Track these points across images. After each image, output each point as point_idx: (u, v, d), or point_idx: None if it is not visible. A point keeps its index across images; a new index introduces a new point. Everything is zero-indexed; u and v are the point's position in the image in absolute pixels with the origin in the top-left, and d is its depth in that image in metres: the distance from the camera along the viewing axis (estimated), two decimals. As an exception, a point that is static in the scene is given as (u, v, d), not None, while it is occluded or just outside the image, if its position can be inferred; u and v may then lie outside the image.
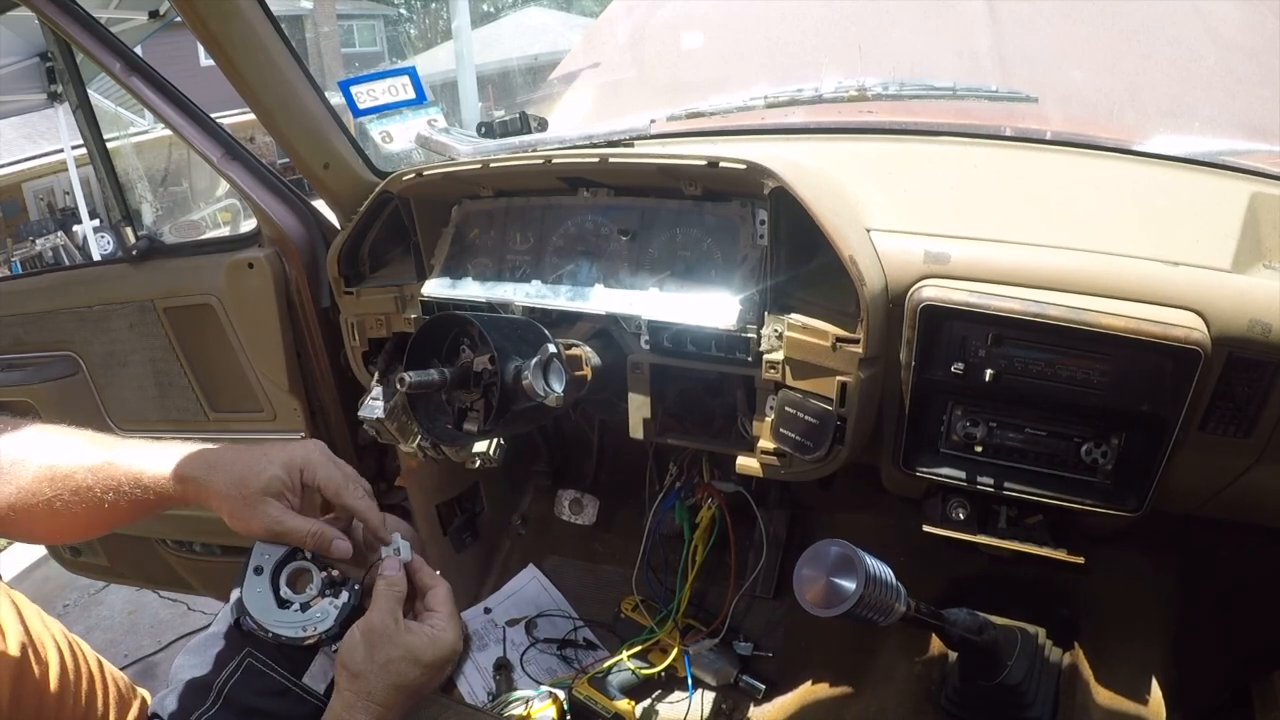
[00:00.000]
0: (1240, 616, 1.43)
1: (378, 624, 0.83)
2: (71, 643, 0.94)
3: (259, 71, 1.32)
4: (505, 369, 1.14)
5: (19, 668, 0.84)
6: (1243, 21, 1.75)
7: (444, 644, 0.85)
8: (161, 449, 0.92)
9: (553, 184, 1.36)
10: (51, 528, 0.95)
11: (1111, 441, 1.09)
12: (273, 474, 0.88)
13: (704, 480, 1.63)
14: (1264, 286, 1.00)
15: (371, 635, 0.83)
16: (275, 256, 1.63)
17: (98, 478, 0.90)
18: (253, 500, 0.87)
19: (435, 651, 0.83)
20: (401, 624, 0.84)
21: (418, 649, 0.83)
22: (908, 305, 1.09)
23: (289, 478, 0.89)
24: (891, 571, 1.01)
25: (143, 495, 0.90)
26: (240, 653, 1.00)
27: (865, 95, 1.31)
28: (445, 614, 0.87)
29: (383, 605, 0.85)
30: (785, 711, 1.54)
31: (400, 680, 0.82)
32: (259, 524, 0.88)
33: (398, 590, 0.86)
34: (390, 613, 0.84)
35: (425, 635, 0.84)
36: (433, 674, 0.84)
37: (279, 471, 0.89)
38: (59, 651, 0.90)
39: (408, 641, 0.83)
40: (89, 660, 0.96)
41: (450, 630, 0.86)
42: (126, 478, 0.90)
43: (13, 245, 9.59)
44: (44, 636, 0.89)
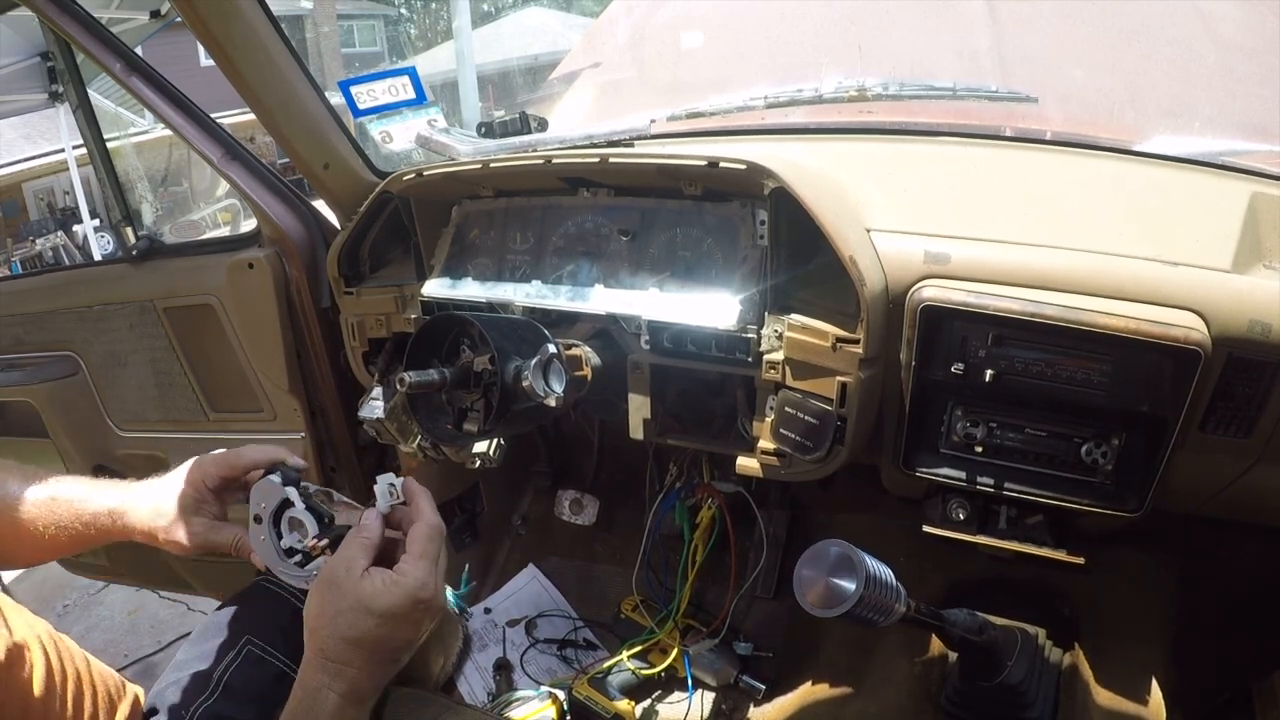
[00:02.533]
0: (1240, 616, 1.43)
1: (329, 574, 0.78)
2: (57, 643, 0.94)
3: (259, 71, 1.32)
4: (505, 369, 1.14)
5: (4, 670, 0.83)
6: (1243, 21, 1.75)
7: (400, 590, 0.75)
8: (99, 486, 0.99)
9: (553, 184, 1.36)
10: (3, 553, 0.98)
11: (1111, 442, 1.09)
12: (183, 492, 0.94)
13: (704, 480, 1.63)
14: (1264, 287, 1.00)
15: (324, 586, 0.78)
16: (275, 256, 1.63)
17: (39, 511, 0.96)
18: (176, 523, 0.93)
19: (388, 599, 0.75)
20: (356, 572, 0.77)
21: (368, 597, 0.75)
22: (908, 305, 1.09)
23: (196, 491, 0.94)
24: (891, 572, 1.01)
25: (83, 530, 0.96)
26: (240, 641, 1.01)
27: (865, 95, 1.31)
28: (414, 554, 0.78)
29: (341, 554, 0.79)
30: (785, 711, 1.54)
31: (352, 633, 0.75)
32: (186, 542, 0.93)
33: (364, 538, 0.80)
34: (346, 561, 0.78)
35: (378, 582, 0.76)
36: (394, 625, 0.76)
37: (187, 489, 0.94)
38: (44, 653, 0.90)
39: (359, 589, 0.75)
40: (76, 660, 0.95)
41: (414, 574, 0.77)
42: (67, 511, 0.96)
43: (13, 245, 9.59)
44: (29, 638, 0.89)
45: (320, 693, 0.75)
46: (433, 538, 0.81)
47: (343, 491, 1.91)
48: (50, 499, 0.96)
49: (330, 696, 0.75)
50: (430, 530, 0.81)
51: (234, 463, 0.95)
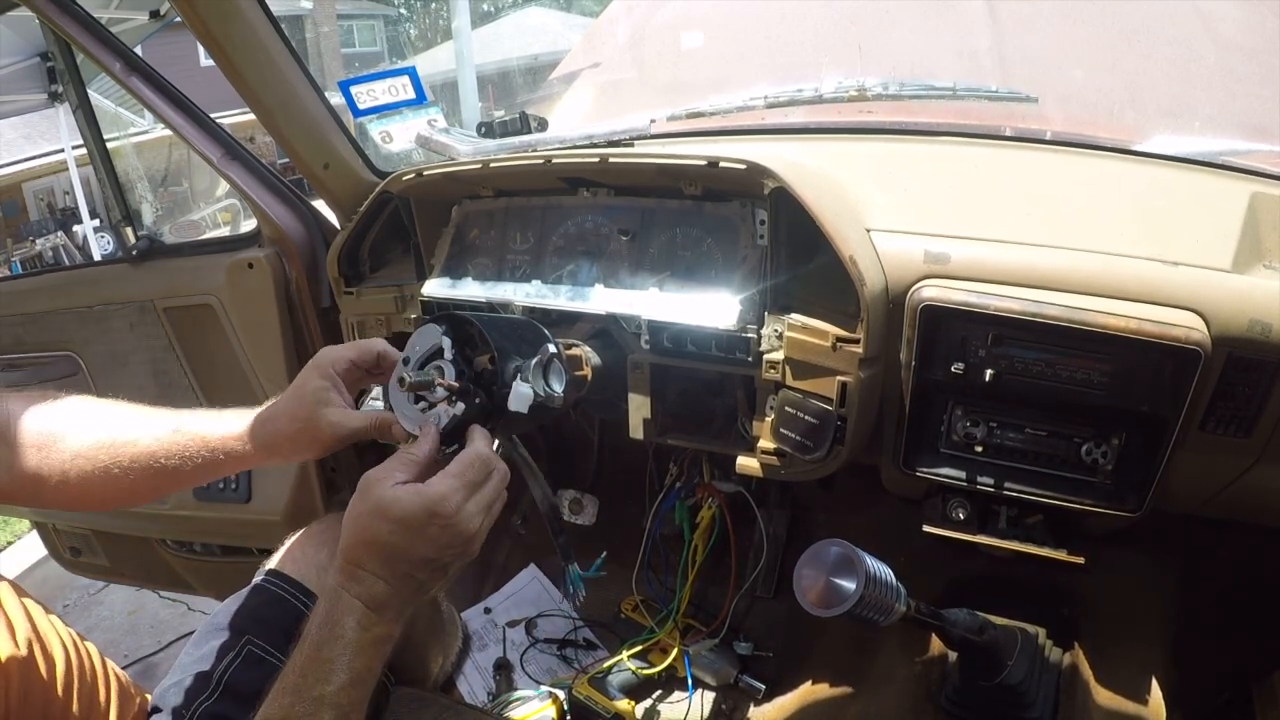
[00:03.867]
0: (1240, 616, 1.43)
1: (367, 477, 0.78)
2: (76, 642, 0.96)
3: (259, 71, 1.32)
4: (505, 369, 1.13)
5: (27, 665, 0.85)
6: (1243, 21, 1.75)
7: (419, 499, 0.75)
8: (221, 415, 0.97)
9: (553, 184, 1.36)
10: (108, 494, 0.96)
11: (1111, 441, 1.09)
12: (314, 386, 0.92)
13: (704, 480, 1.63)
14: (1264, 286, 1.00)
15: (360, 488, 0.78)
16: (275, 256, 1.63)
17: (162, 445, 0.94)
18: (312, 420, 0.90)
19: (404, 506, 0.75)
20: (388, 480, 0.77)
21: (387, 501, 0.75)
22: (908, 305, 1.08)
23: (327, 381, 0.92)
24: (891, 571, 1.01)
25: (211, 457, 0.94)
26: (241, 641, 1.01)
27: (865, 95, 1.31)
28: (447, 472, 0.78)
29: (386, 464, 0.80)
30: (785, 711, 1.54)
31: (367, 535, 0.76)
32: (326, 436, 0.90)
33: (410, 453, 0.81)
34: (387, 468, 0.78)
35: (400, 490, 0.76)
36: (408, 534, 0.75)
37: (318, 382, 0.92)
38: (65, 650, 0.92)
39: (381, 494, 0.76)
40: (93, 659, 0.97)
41: (438, 487, 0.76)
42: (193, 443, 0.94)
43: (13, 245, 9.60)
44: (50, 635, 0.91)
45: (337, 593, 0.76)
46: (474, 464, 0.80)
47: (342, 492, 1.91)
48: (174, 430, 0.94)
49: (345, 597, 0.75)
50: (474, 456, 0.81)
51: (367, 348, 0.94)
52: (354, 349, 0.95)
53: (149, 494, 0.98)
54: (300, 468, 1.77)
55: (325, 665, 0.74)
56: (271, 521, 1.77)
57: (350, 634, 0.75)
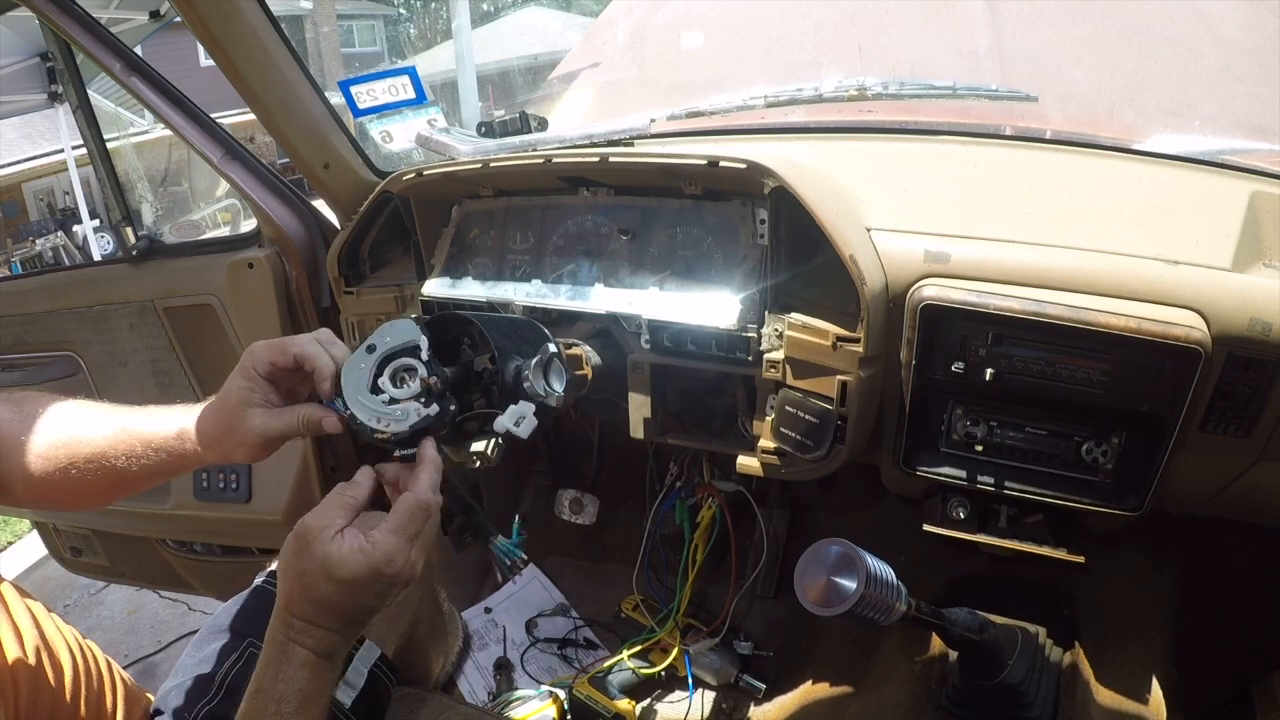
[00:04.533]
0: (1240, 616, 1.43)
1: (306, 526, 0.76)
2: (83, 646, 0.96)
3: (259, 71, 1.32)
4: (506, 368, 1.13)
5: (34, 672, 0.85)
6: (1243, 21, 1.75)
7: (365, 561, 0.74)
8: (166, 411, 0.93)
9: (553, 184, 1.36)
10: (74, 495, 0.94)
11: (1112, 441, 1.09)
12: (236, 387, 0.87)
13: (704, 480, 1.63)
14: (1264, 285, 1.00)
15: (297, 537, 0.76)
16: (275, 256, 1.63)
17: (111, 443, 0.90)
18: (236, 424, 0.86)
19: (351, 568, 0.73)
20: (329, 531, 0.75)
21: (332, 562, 0.73)
22: (908, 304, 1.08)
23: (251, 383, 0.87)
24: (892, 571, 1.01)
25: (155, 457, 0.90)
26: (242, 643, 1.01)
27: (865, 95, 1.31)
28: (390, 527, 0.76)
29: (323, 507, 0.77)
30: (785, 711, 1.54)
31: (313, 594, 0.75)
32: (253, 440, 0.86)
33: (348, 495, 0.79)
34: (325, 516, 0.76)
35: (346, 548, 0.74)
36: (355, 593, 0.75)
37: (240, 382, 0.87)
38: (71, 654, 0.92)
39: (326, 552, 0.74)
40: (100, 663, 0.97)
41: (383, 546, 0.75)
42: (139, 442, 0.90)
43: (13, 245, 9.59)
44: (57, 640, 0.90)
45: (288, 647, 0.75)
46: (415, 514, 0.78)
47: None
48: (121, 430, 0.91)
49: (298, 651, 0.75)
50: (415, 505, 0.79)
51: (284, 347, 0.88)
52: (271, 348, 0.88)
53: (104, 495, 0.95)
54: (300, 467, 1.76)
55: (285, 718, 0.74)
56: (271, 521, 1.77)
57: (305, 685, 0.75)
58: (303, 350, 0.86)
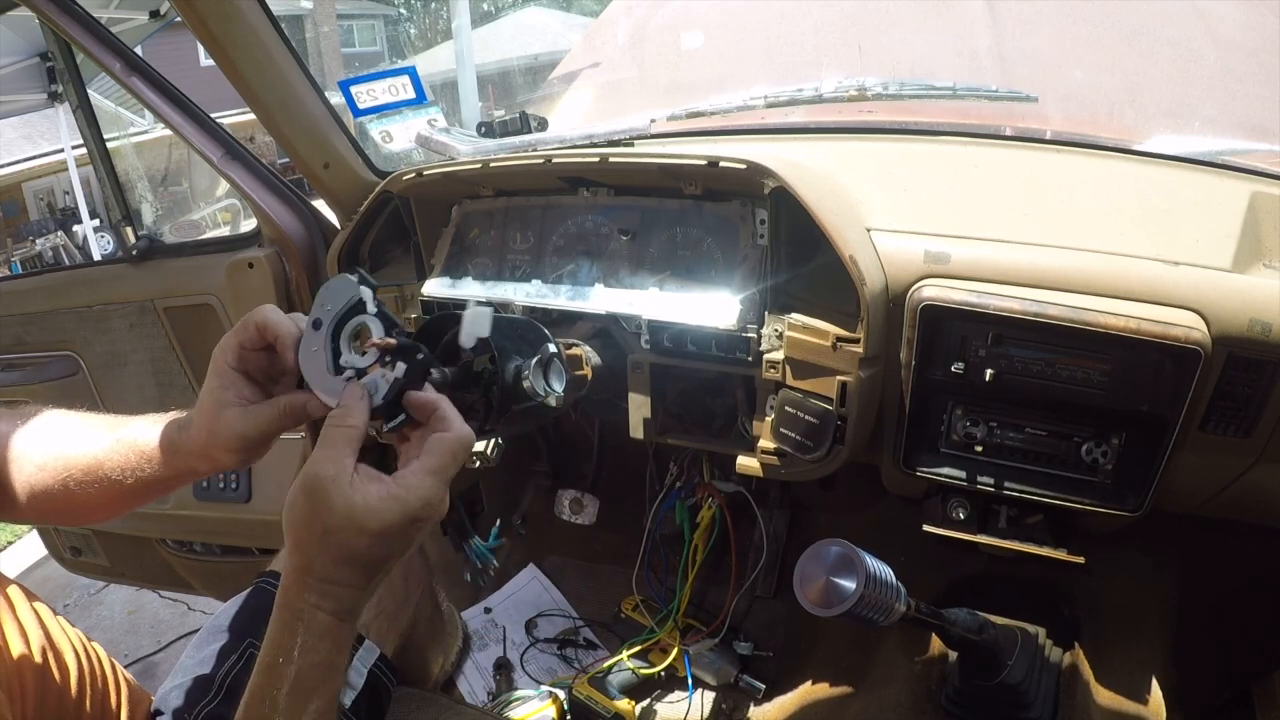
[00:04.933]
0: (1240, 616, 1.43)
1: (316, 475, 0.66)
2: (88, 647, 0.96)
3: (259, 71, 1.32)
4: (506, 368, 1.13)
5: (41, 671, 0.85)
6: (1243, 21, 1.75)
7: (400, 508, 0.66)
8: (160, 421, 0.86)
9: (553, 184, 1.36)
10: (70, 510, 0.90)
11: (1112, 441, 1.08)
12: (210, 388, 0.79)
13: (704, 480, 1.63)
14: (1264, 286, 1.00)
15: (309, 492, 0.66)
16: (275, 256, 1.63)
17: (108, 456, 0.85)
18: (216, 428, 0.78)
19: (386, 519, 0.65)
20: (347, 478, 0.66)
21: (358, 513, 0.65)
22: (908, 305, 1.08)
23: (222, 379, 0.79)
24: (891, 571, 1.01)
25: (150, 470, 0.85)
26: (242, 644, 1.01)
27: (865, 95, 1.31)
28: (426, 468, 0.68)
29: (326, 449, 0.68)
30: (785, 711, 1.54)
31: (342, 552, 0.66)
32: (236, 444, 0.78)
33: (349, 429, 0.69)
34: (335, 461, 0.67)
35: (374, 495, 0.66)
36: (389, 543, 0.67)
37: (212, 382, 0.79)
38: (77, 656, 0.92)
39: (351, 504, 0.65)
40: (104, 664, 0.97)
41: (419, 489, 0.67)
42: (134, 454, 0.85)
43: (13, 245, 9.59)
44: (63, 642, 0.90)
45: (310, 613, 0.67)
46: (457, 453, 0.70)
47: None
48: (115, 441, 0.86)
49: (320, 617, 0.67)
50: (457, 444, 0.70)
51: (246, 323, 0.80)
52: (235, 333, 0.80)
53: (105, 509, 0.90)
54: (300, 466, 1.76)
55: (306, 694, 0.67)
56: (271, 521, 1.76)
57: (327, 656, 0.68)
58: (265, 318, 0.79)
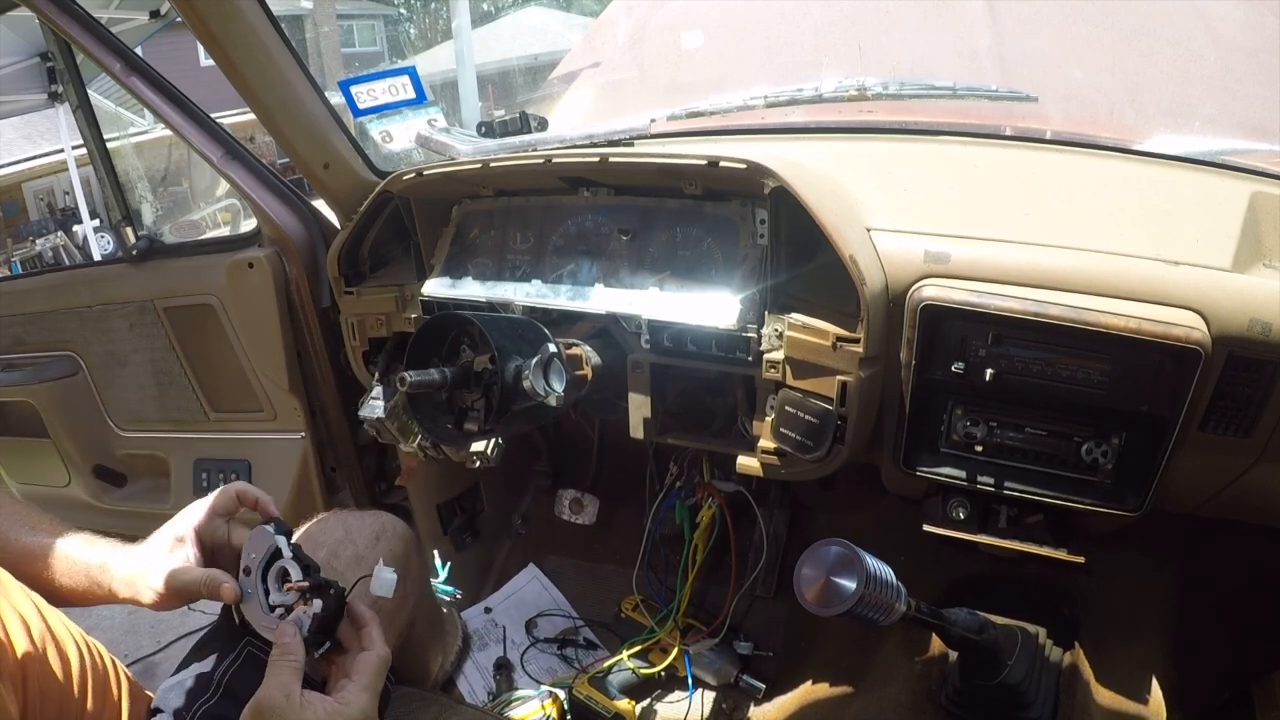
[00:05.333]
0: (1240, 616, 1.43)
1: (269, 700, 0.76)
2: (88, 641, 0.97)
3: (259, 71, 1.32)
4: (506, 368, 1.13)
5: (43, 662, 0.87)
6: (1243, 21, 1.75)
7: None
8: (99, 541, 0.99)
9: (553, 184, 1.36)
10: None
11: (1112, 441, 1.08)
12: (165, 535, 0.94)
13: (704, 480, 1.63)
14: (1264, 286, 1.00)
15: (261, 714, 0.76)
16: (275, 256, 1.63)
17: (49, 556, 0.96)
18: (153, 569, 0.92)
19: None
20: (295, 699, 0.76)
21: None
22: (908, 305, 1.08)
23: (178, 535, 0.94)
24: (892, 571, 1.01)
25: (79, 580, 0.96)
26: (240, 643, 1.01)
27: (865, 95, 1.31)
28: (358, 685, 0.79)
29: (274, 679, 0.78)
30: (785, 711, 1.54)
31: None
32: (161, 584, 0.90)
33: (292, 660, 0.79)
34: (282, 687, 0.77)
35: (321, 712, 0.76)
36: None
37: (166, 533, 0.94)
38: (78, 648, 0.94)
39: (302, 719, 0.75)
40: (104, 658, 0.99)
41: (357, 704, 0.78)
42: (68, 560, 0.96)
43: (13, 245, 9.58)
44: (63, 633, 0.92)
45: None
46: (382, 671, 0.82)
47: (342, 492, 1.90)
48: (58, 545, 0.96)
49: None
50: (380, 662, 0.82)
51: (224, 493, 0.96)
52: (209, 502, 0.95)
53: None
54: (300, 467, 1.77)
55: None
56: (271, 521, 1.77)
57: None
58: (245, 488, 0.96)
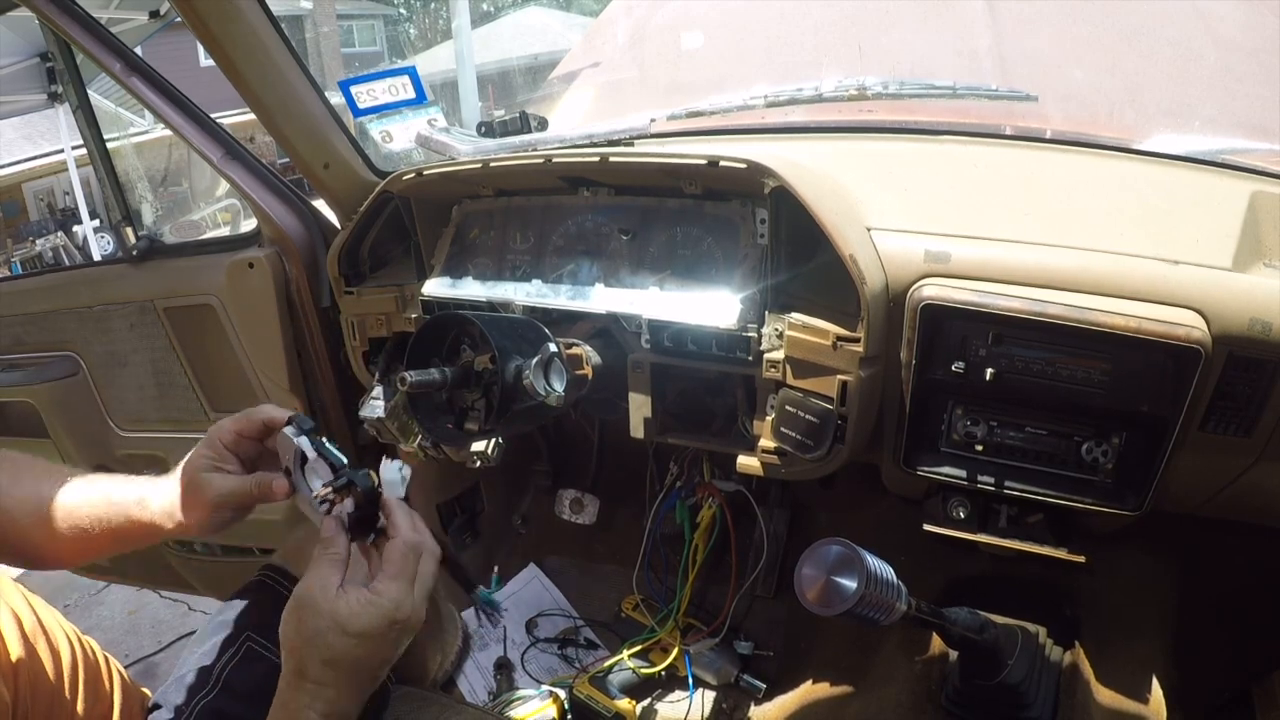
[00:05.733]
0: (1240, 616, 1.43)
1: (304, 593, 0.77)
2: (80, 637, 0.98)
3: (259, 71, 1.32)
4: (506, 368, 1.13)
5: (33, 657, 0.87)
6: (1243, 21, 1.75)
7: (377, 611, 0.76)
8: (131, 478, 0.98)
9: (553, 183, 1.36)
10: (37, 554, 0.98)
11: (1112, 440, 1.08)
12: (198, 454, 0.93)
13: (704, 479, 1.63)
14: (1264, 285, 1.00)
15: (299, 606, 0.77)
16: (275, 256, 1.63)
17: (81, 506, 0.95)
18: (193, 485, 0.91)
19: (365, 621, 0.75)
20: (330, 590, 0.76)
21: (344, 618, 0.75)
22: (908, 304, 1.08)
23: (213, 451, 0.93)
24: (892, 570, 1.01)
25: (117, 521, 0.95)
26: (240, 638, 1.02)
27: (865, 94, 1.31)
28: (390, 574, 0.78)
29: (314, 571, 0.78)
30: (785, 711, 1.54)
31: (329, 654, 0.75)
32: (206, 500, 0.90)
33: (332, 553, 0.80)
34: (321, 579, 0.77)
35: (355, 602, 0.76)
36: (372, 645, 0.76)
37: (204, 450, 0.93)
38: (70, 644, 0.94)
39: (335, 609, 0.75)
40: (97, 655, 0.99)
41: (390, 592, 0.77)
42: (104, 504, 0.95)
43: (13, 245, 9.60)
44: (55, 630, 0.92)
45: (301, 713, 0.75)
46: (408, 555, 0.80)
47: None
48: (87, 493, 0.95)
49: (311, 717, 0.75)
50: (406, 547, 0.80)
51: (251, 416, 0.94)
52: (237, 419, 0.94)
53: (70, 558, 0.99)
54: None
55: None
56: (271, 521, 1.76)
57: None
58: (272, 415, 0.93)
